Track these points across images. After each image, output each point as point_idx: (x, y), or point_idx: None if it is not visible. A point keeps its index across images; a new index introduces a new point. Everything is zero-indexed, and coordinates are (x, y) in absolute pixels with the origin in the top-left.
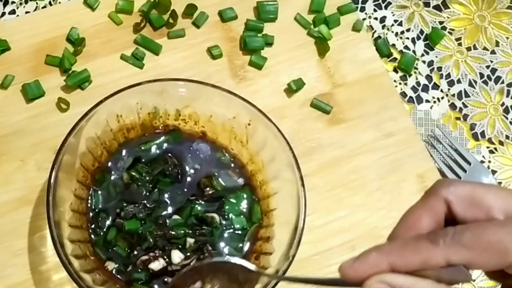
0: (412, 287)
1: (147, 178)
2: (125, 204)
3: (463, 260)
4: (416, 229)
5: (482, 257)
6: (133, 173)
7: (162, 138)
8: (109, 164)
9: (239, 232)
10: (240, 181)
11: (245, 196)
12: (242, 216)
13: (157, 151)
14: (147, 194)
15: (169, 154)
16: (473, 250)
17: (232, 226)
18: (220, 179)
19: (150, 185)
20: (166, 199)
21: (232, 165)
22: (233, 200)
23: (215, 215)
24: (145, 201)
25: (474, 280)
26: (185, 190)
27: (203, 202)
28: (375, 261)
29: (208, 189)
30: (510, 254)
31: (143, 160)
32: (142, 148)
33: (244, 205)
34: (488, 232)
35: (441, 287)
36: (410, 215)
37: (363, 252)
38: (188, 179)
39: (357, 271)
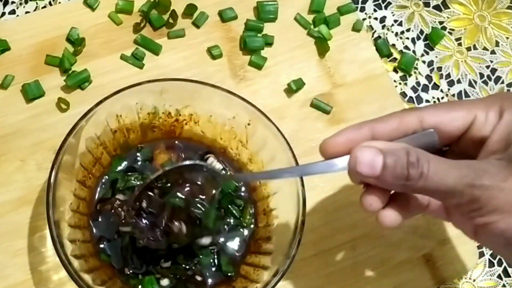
0: (395, 145)
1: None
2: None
3: (434, 116)
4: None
5: (450, 112)
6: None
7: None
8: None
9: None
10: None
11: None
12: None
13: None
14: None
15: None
16: (442, 107)
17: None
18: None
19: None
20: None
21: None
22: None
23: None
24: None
25: (475, 280)
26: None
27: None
28: (357, 125)
29: None
30: (474, 108)
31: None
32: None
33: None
34: (455, 101)
35: (415, 148)
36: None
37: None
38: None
39: (340, 136)
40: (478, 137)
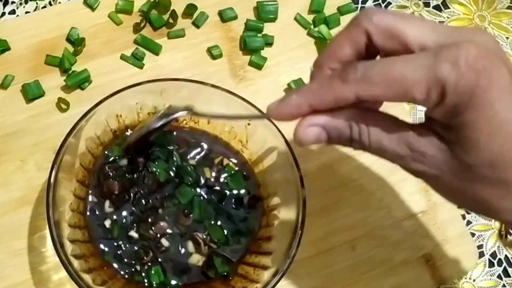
0: (337, 120)
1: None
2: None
3: (370, 95)
4: (338, 57)
5: (387, 92)
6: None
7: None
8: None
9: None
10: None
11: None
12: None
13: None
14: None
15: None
16: (378, 86)
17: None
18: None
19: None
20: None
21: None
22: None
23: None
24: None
25: (474, 280)
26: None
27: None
28: (296, 102)
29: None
30: (412, 90)
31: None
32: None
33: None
34: (393, 69)
35: (360, 112)
36: (333, 44)
37: (285, 95)
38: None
39: (281, 112)
40: (422, 106)
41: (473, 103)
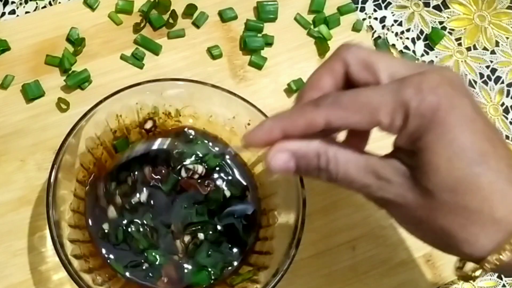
0: (306, 147)
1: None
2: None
3: (339, 119)
4: (318, 88)
5: (355, 116)
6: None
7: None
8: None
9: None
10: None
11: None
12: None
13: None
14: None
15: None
16: (347, 110)
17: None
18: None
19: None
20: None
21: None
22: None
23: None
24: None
25: (475, 280)
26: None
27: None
28: (269, 126)
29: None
30: (377, 113)
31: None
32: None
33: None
34: (362, 94)
35: (330, 141)
36: (313, 75)
37: (261, 121)
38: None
39: (254, 137)
40: (388, 133)
41: (433, 126)
